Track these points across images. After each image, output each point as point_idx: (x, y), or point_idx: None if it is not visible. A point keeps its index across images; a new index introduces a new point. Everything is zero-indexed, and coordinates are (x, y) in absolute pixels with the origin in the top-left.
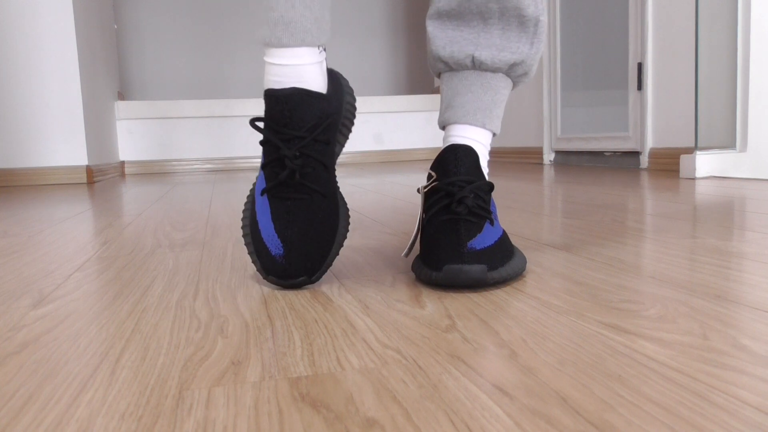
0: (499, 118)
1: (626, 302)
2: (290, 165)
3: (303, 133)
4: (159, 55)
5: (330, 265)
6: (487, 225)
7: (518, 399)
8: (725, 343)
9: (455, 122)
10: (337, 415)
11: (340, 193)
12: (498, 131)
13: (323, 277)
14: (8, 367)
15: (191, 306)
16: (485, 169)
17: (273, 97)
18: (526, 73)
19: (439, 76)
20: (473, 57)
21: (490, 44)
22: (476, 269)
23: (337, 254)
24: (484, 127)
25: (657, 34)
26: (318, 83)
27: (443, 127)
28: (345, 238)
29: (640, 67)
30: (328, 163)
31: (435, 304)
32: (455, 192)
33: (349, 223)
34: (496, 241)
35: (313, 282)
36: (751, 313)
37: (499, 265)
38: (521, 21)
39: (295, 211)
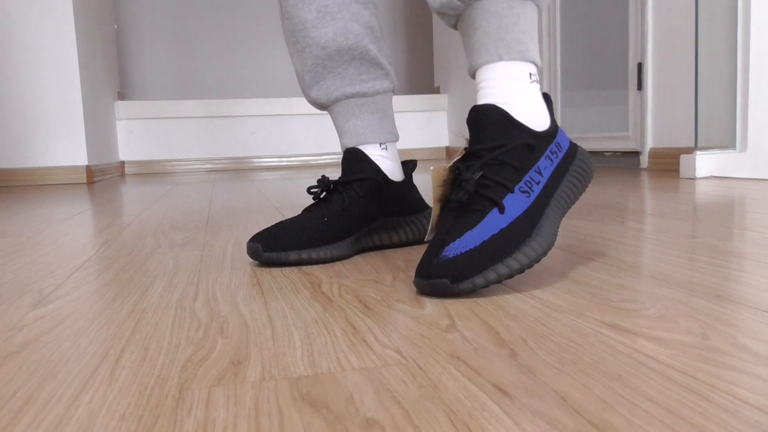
0: (521, 42)
1: (626, 302)
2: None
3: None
4: (159, 55)
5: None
6: (492, 215)
7: (518, 399)
8: (725, 342)
9: (474, 69)
10: (337, 415)
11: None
12: (531, 57)
13: (325, 277)
14: (8, 367)
15: (191, 306)
16: (529, 116)
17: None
18: None
19: (456, 26)
20: None
21: None
22: (438, 284)
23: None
24: (502, 59)
25: (657, 34)
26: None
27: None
28: None
29: (640, 67)
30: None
31: (435, 304)
32: (462, 171)
33: None
34: (485, 241)
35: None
36: (751, 312)
37: (475, 272)
38: None
39: None
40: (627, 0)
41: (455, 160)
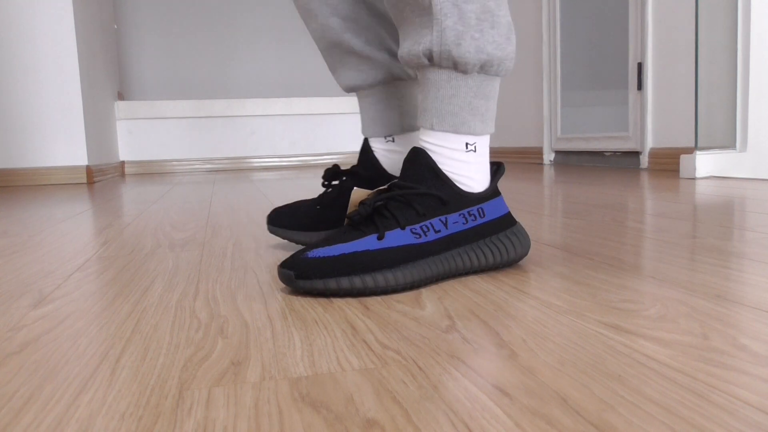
0: (456, 115)
1: (626, 302)
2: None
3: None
4: (159, 55)
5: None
6: (368, 238)
7: (518, 399)
8: (725, 342)
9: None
10: (337, 416)
11: None
12: (465, 131)
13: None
14: (8, 367)
15: (191, 306)
16: (460, 178)
17: None
18: (455, 61)
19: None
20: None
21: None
22: (285, 275)
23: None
24: (433, 128)
25: (657, 34)
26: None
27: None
28: None
29: (640, 67)
30: None
31: (435, 305)
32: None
33: None
34: (345, 254)
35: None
36: (751, 313)
37: (318, 276)
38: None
39: None
40: (627, 0)
41: (379, 188)
